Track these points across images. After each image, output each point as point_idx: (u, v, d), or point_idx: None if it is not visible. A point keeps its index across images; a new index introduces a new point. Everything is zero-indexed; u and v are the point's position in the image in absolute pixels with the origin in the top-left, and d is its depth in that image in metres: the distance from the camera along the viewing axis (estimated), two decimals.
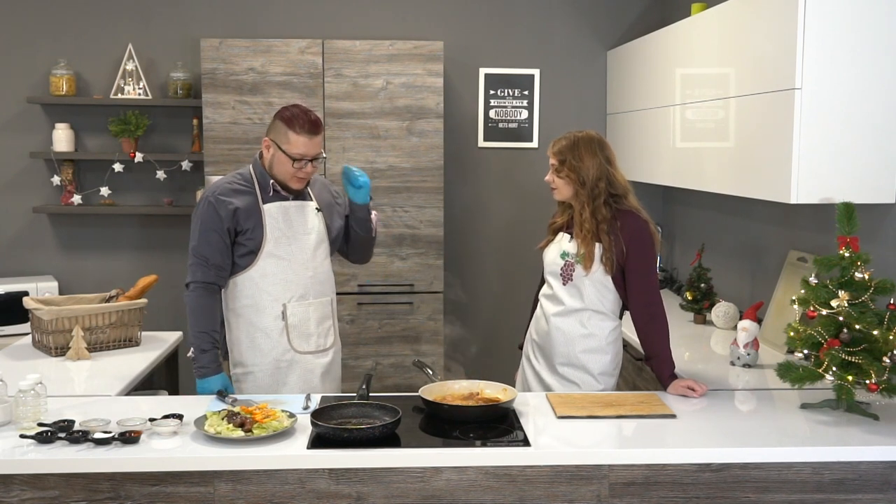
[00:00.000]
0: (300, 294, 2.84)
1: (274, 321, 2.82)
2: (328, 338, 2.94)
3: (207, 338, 2.74)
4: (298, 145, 2.74)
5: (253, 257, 2.79)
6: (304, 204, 2.89)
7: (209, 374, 2.72)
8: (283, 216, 2.82)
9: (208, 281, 2.77)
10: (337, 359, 3.00)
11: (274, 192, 2.83)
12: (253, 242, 2.78)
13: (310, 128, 2.75)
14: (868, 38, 2.65)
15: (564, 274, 2.80)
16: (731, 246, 3.95)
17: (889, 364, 2.31)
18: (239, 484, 2.15)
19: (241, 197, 2.80)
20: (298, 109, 2.78)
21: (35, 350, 3.25)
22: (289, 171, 2.78)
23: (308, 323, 2.86)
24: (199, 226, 2.78)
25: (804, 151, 2.68)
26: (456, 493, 2.19)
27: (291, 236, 2.83)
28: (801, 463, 2.22)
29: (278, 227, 2.81)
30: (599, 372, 2.80)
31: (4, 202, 4.58)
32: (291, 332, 2.83)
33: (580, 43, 4.79)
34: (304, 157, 2.76)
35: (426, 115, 4.23)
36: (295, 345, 2.84)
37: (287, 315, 2.82)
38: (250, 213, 2.78)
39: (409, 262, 4.29)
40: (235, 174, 2.88)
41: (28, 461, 2.11)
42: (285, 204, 2.84)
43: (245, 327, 2.82)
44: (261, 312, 2.81)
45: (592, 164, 2.74)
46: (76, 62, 4.53)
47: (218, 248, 2.76)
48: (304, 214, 2.87)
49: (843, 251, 2.40)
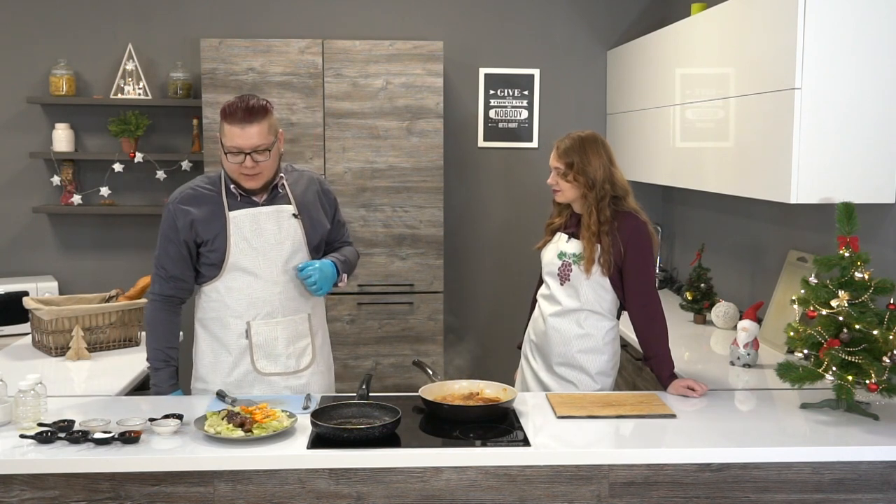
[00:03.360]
0: (266, 312, 2.62)
1: (237, 338, 2.63)
2: (302, 358, 2.70)
3: (161, 355, 2.63)
4: (231, 137, 2.47)
5: (217, 269, 2.60)
6: (279, 209, 2.63)
7: (162, 392, 2.63)
8: (251, 224, 2.59)
9: (166, 294, 2.64)
10: (318, 380, 2.75)
11: (242, 198, 2.60)
12: (216, 255, 2.59)
13: (242, 116, 2.45)
14: (868, 38, 2.65)
15: (562, 274, 2.80)
16: (731, 246, 3.95)
17: (889, 364, 2.31)
18: (239, 484, 2.15)
19: (203, 205, 2.60)
20: (238, 98, 2.51)
21: (35, 350, 3.25)
22: (232, 168, 2.53)
23: (275, 343, 2.64)
24: (160, 235, 2.64)
25: (804, 151, 2.68)
26: (456, 493, 2.19)
27: (259, 248, 2.60)
28: (801, 463, 2.22)
29: (243, 237, 2.58)
30: (597, 372, 2.80)
31: (4, 202, 4.58)
32: (256, 351, 2.63)
33: (580, 43, 4.79)
34: (240, 149, 2.47)
35: (426, 115, 4.23)
36: (259, 365, 2.64)
37: (251, 334, 2.62)
38: (212, 222, 2.58)
39: (409, 262, 4.29)
40: (204, 177, 2.68)
41: (28, 461, 2.11)
42: (255, 211, 2.59)
43: (209, 341, 2.67)
44: (225, 328, 2.64)
45: (599, 165, 2.73)
46: (76, 62, 4.53)
47: (175, 260, 2.61)
48: (277, 221, 2.62)
49: (842, 251, 2.40)
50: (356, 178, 4.22)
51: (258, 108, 2.49)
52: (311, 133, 4.17)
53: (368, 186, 4.22)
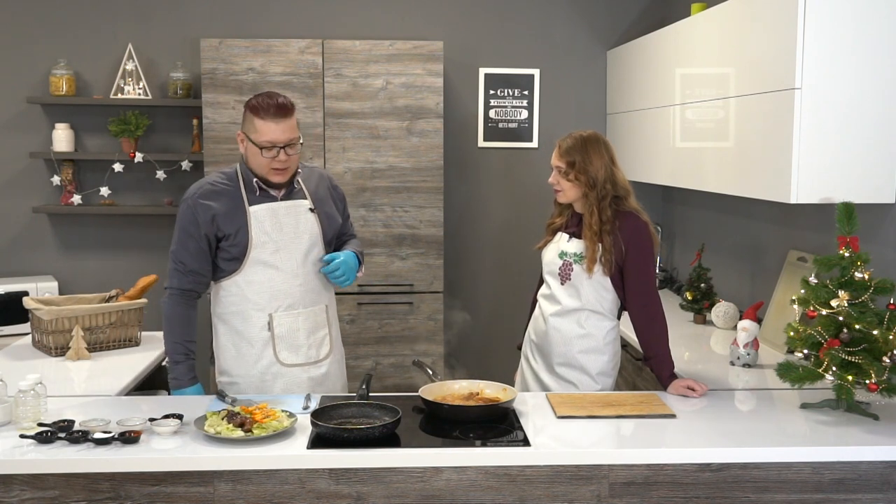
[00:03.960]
0: (288, 304, 2.68)
1: (259, 331, 2.68)
2: (322, 348, 2.77)
3: (181, 349, 2.66)
4: (266, 132, 2.54)
5: (238, 263, 2.65)
6: (296, 204, 2.70)
7: (182, 385, 2.65)
8: (270, 219, 2.65)
9: (185, 288, 2.67)
10: (335, 369, 2.83)
11: (261, 192, 2.66)
12: (237, 248, 2.63)
13: (276, 112, 2.55)
14: (868, 38, 2.65)
15: (563, 274, 2.80)
16: (731, 246, 3.95)
17: (889, 364, 2.31)
18: (239, 484, 2.15)
19: (223, 199, 2.64)
20: (264, 95, 2.59)
21: (35, 350, 3.25)
22: (262, 163, 2.59)
23: (297, 334, 2.71)
24: (178, 230, 2.66)
25: (804, 151, 2.68)
26: (456, 493, 2.19)
27: (280, 241, 2.66)
28: (801, 463, 2.22)
29: (265, 231, 2.64)
30: (597, 372, 2.80)
31: (4, 202, 4.58)
32: (279, 343, 2.69)
33: (580, 43, 4.79)
34: (274, 144, 2.56)
35: (426, 115, 4.23)
36: (281, 357, 2.69)
37: (273, 325, 2.68)
38: (233, 216, 2.62)
39: (409, 262, 4.29)
40: (219, 173, 2.72)
41: (28, 461, 2.11)
42: (274, 205, 2.66)
43: (231, 335, 2.71)
44: (246, 321, 2.68)
45: (600, 165, 2.73)
46: (76, 62, 4.53)
47: (195, 254, 2.64)
48: (295, 216, 2.69)
49: (843, 251, 2.40)
50: (356, 178, 4.22)
51: (288, 104, 2.59)
52: (311, 133, 4.17)
53: (368, 186, 4.22)
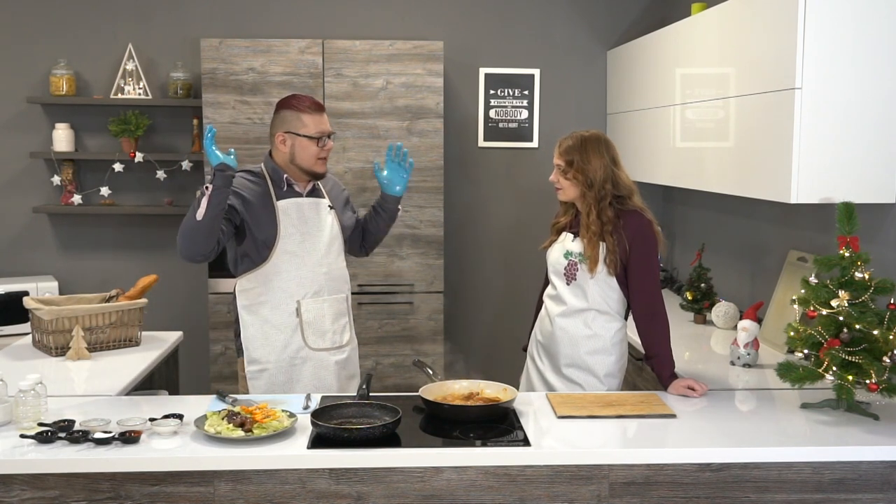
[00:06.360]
0: (315, 290, 2.84)
1: (288, 317, 2.82)
2: (344, 334, 2.94)
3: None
4: (315, 124, 2.80)
5: (267, 252, 2.79)
6: (318, 202, 2.90)
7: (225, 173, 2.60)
8: (297, 213, 2.84)
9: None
10: (354, 356, 3.00)
11: (287, 188, 2.85)
12: (266, 237, 2.79)
13: (317, 106, 2.84)
14: (868, 38, 2.65)
15: (568, 273, 2.80)
16: (731, 246, 3.95)
17: (889, 364, 2.31)
18: (239, 484, 2.15)
19: (254, 191, 2.81)
20: (296, 96, 2.85)
21: (35, 350, 3.24)
22: (313, 153, 2.80)
23: (323, 320, 2.86)
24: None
25: (804, 151, 2.68)
26: (456, 493, 2.19)
27: (306, 232, 2.84)
28: (801, 463, 2.22)
29: (292, 223, 2.82)
30: (605, 374, 2.79)
31: (4, 202, 4.59)
32: (306, 328, 2.84)
33: (580, 43, 4.79)
34: (324, 133, 2.82)
35: (426, 114, 4.23)
36: (310, 342, 2.84)
37: (301, 311, 2.82)
38: (263, 207, 2.80)
39: (409, 262, 4.29)
40: (245, 172, 2.87)
41: (28, 461, 2.11)
42: (299, 201, 2.85)
43: (259, 324, 2.82)
44: (275, 309, 2.81)
45: (599, 165, 2.74)
46: (76, 62, 4.53)
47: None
48: (317, 212, 2.88)
49: (843, 251, 2.40)
50: (356, 178, 4.22)
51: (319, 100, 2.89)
52: None
53: (368, 186, 4.22)
